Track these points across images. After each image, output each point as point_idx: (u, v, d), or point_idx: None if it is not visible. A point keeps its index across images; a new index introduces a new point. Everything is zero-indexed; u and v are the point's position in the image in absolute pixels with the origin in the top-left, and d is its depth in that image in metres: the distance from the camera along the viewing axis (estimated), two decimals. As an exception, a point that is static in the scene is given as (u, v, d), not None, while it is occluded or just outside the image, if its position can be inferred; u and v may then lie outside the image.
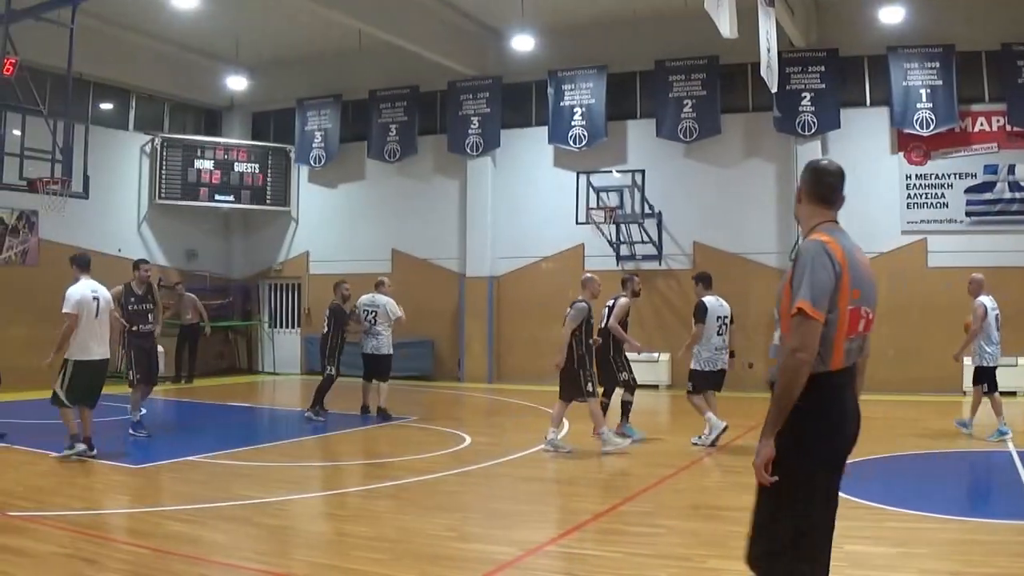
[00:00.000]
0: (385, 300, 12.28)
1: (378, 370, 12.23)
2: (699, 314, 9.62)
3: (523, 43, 16.37)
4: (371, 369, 12.27)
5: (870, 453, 8.81)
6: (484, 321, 17.81)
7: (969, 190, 14.86)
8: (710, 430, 9.53)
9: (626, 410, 10.16)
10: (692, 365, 9.80)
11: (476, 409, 14.46)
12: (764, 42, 11.57)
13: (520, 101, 18.11)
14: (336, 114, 19.27)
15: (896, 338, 14.96)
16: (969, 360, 10.57)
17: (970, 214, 14.83)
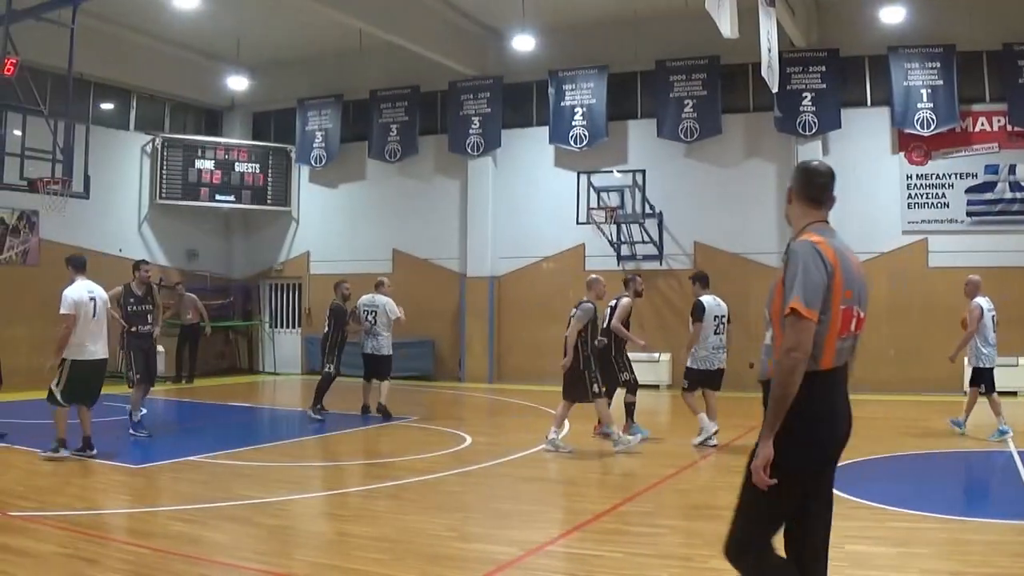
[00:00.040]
0: (385, 300, 12.29)
1: (378, 370, 12.25)
2: (696, 313, 9.67)
3: (524, 43, 16.37)
4: (371, 369, 12.28)
5: (870, 453, 8.81)
6: (485, 321, 17.81)
7: (970, 190, 14.87)
8: (700, 432, 9.61)
9: (630, 411, 10.20)
10: (688, 363, 9.86)
11: (477, 409, 14.46)
12: (765, 42, 11.57)
13: (521, 101, 18.12)
14: (337, 114, 19.27)
15: (897, 338, 14.98)
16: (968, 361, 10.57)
17: (971, 214, 14.83)
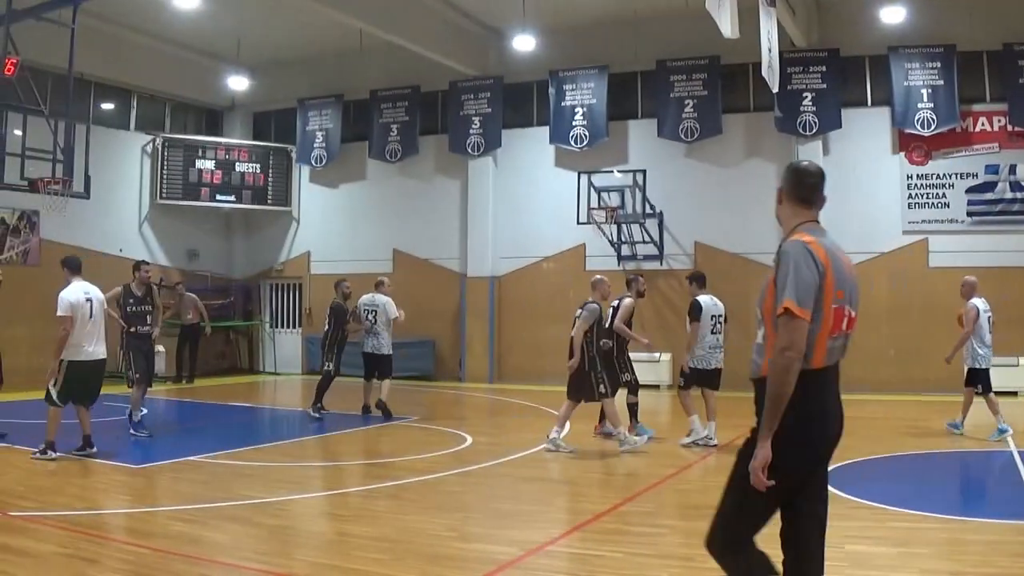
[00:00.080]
0: (385, 300, 12.30)
1: (379, 369, 12.25)
2: (694, 313, 9.71)
3: (524, 43, 16.37)
4: (371, 368, 12.29)
5: (870, 453, 8.82)
6: (485, 321, 17.81)
7: (970, 190, 14.86)
8: (690, 433, 9.68)
9: (633, 411, 10.23)
10: (685, 362, 9.92)
11: (477, 409, 14.46)
12: (765, 42, 11.57)
13: (521, 101, 18.12)
14: (337, 114, 19.27)
15: (897, 338, 14.98)
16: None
17: (971, 214, 14.82)
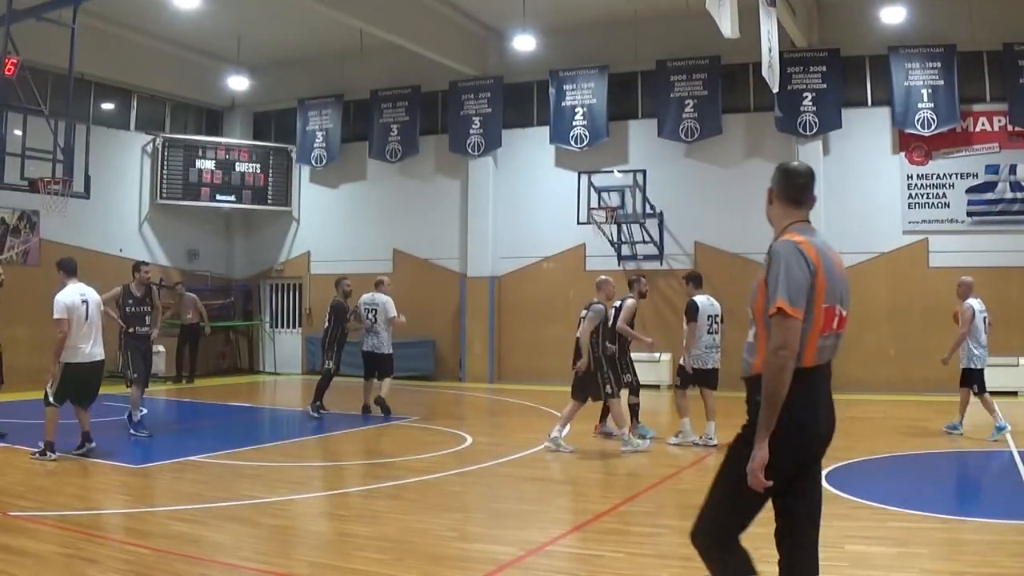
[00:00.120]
0: (384, 299, 12.30)
1: (379, 368, 12.25)
2: (691, 313, 9.76)
3: (524, 43, 16.36)
4: (371, 368, 12.29)
5: (871, 453, 8.83)
6: (485, 321, 17.81)
7: (970, 190, 14.86)
8: (678, 434, 9.76)
9: (635, 412, 10.23)
10: (681, 361, 10.00)
11: (477, 409, 14.46)
12: (765, 42, 11.57)
13: (521, 101, 18.11)
14: (337, 114, 19.27)
15: (897, 338, 14.99)
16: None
17: (971, 214, 14.83)
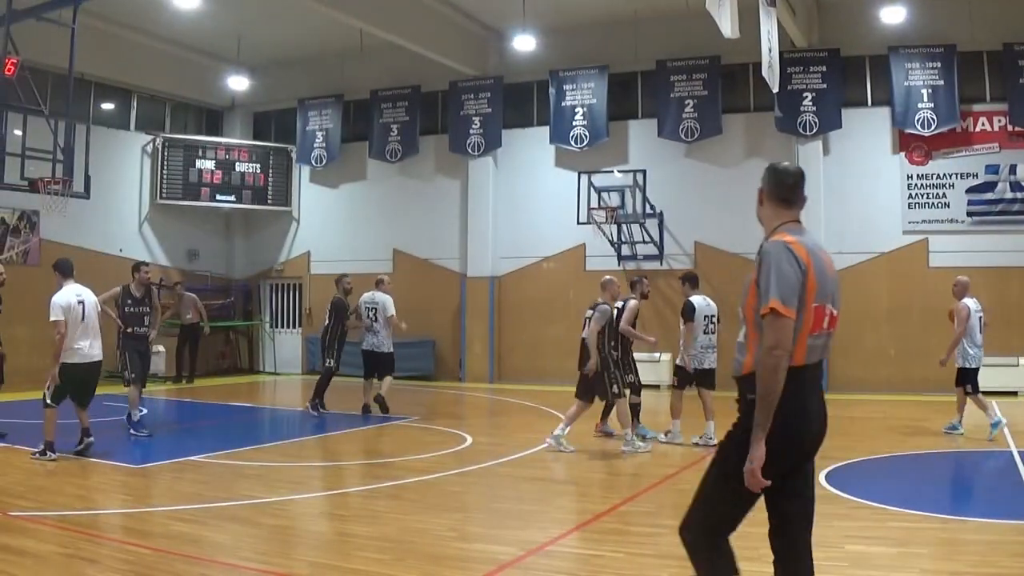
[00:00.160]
0: (385, 298, 12.30)
1: (379, 367, 12.25)
2: (687, 313, 9.79)
3: (524, 43, 16.36)
4: (371, 366, 12.28)
5: (871, 453, 8.83)
6: (485, 321, 17.81)
7: (970, 190, 14.86)
8: (667, 433, 9.87)
9: (636, 412, 10.23)
10: (677, 361, 10.07)
11: (477, 409, 14.46)
12: (765, 42, 11.57)
13: (521, 101, 18.11)
14: (337, 114, 19.27)
15: (897, 338, 15.00)
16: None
17: (971, 214, 14.82)
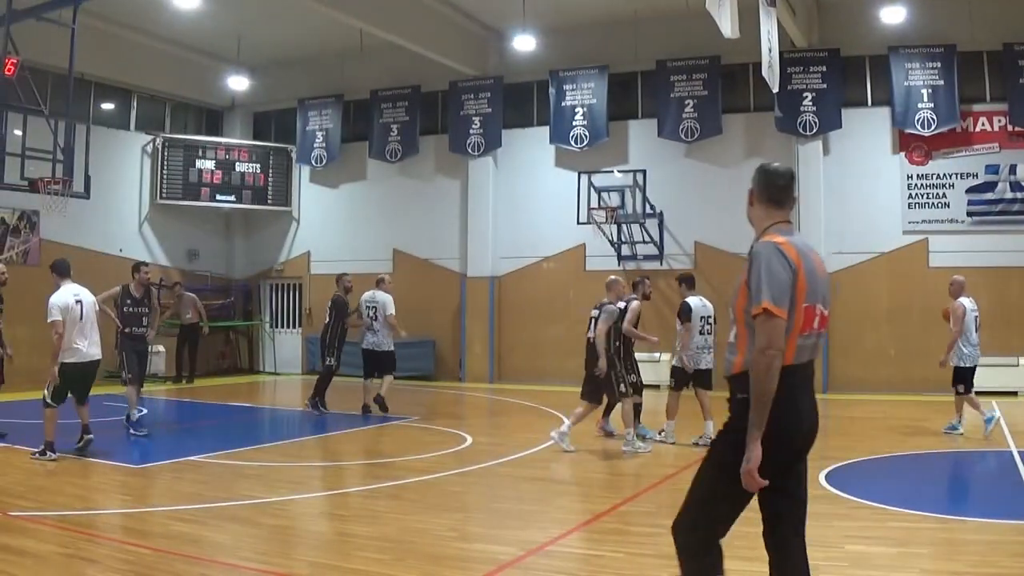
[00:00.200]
0: (385, 297, 12.31)
1: (379, 366, 12.24)
2: (684, 314, 9.83)
3: (524, 43, 16.36)
4: (371, 366, 12.28)
5: (871, 453, 8.83)
6: (485, 321, 17.81)
7: (970, 190, 14.86)
8: (662, 431, 9.95)
9: (636, 412, 10.23)
10: (674, 362, 10.12)
11: (477, 409, 14.46)
12: (765, 42, 11.57)
13: (521, 101, 18.11)
14: (337, 114, 19.27)
15: (897, 338, 15.00)
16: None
17: (971, 214, 14.82)
